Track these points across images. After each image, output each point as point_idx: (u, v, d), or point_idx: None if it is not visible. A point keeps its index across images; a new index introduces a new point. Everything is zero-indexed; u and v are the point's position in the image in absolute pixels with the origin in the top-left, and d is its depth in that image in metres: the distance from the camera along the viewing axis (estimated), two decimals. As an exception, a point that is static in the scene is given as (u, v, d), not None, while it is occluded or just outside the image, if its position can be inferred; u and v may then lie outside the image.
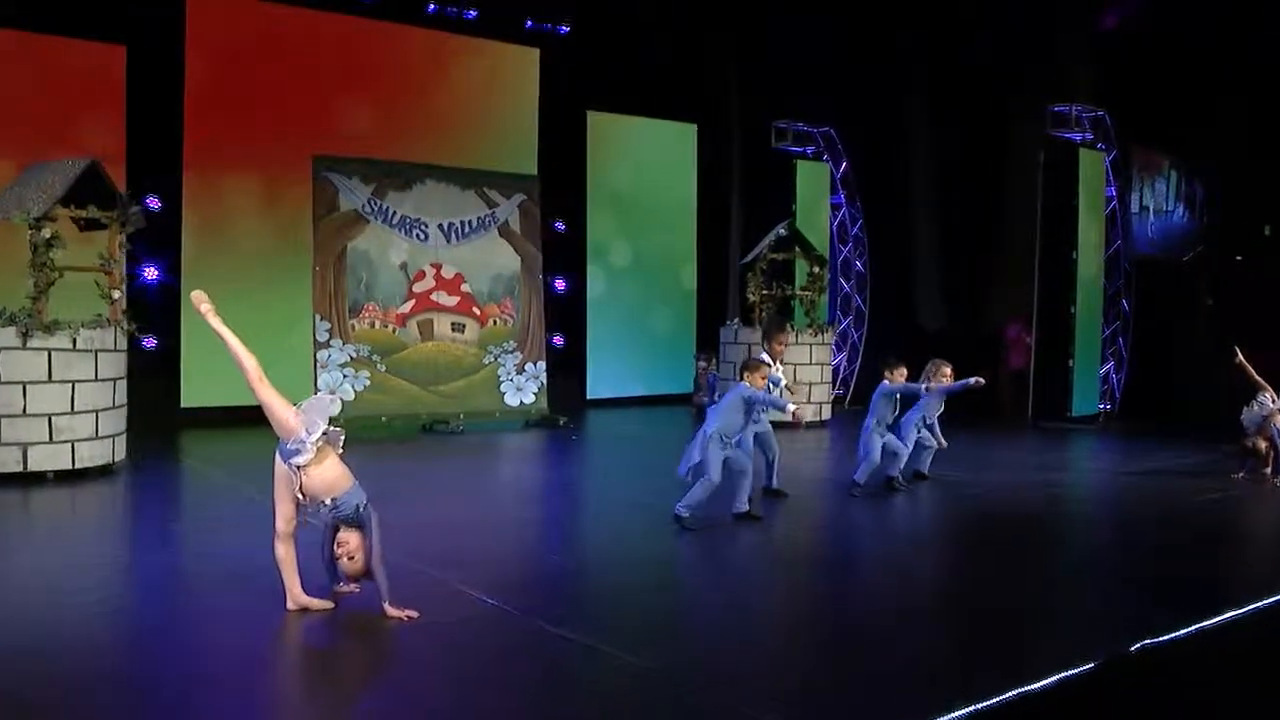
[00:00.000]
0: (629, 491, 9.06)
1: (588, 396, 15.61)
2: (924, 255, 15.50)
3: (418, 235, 12.65)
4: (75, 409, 8.66)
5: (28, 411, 8.49)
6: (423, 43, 13.95)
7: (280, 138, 12.47)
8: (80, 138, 11.39)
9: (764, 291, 13.70)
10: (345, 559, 5.23)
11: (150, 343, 12.17)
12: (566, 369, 15.48)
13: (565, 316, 15.73)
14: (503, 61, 14.74)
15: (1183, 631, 5.12)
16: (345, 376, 12.00)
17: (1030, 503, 8.76)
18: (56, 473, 8.61)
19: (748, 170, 16.34)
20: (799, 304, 13.89)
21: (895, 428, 9.22)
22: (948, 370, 9.51)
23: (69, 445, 8.65)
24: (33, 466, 8.52)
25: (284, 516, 5.24)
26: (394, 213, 12.47)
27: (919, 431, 9.37)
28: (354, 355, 12.09)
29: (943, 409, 9.52)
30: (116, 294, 9.13)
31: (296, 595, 5.24)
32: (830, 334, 13.88)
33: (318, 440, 5.19)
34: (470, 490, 9.31)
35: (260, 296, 12.33)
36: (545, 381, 13.66)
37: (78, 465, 8.73)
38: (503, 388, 13.21)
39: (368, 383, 12.17)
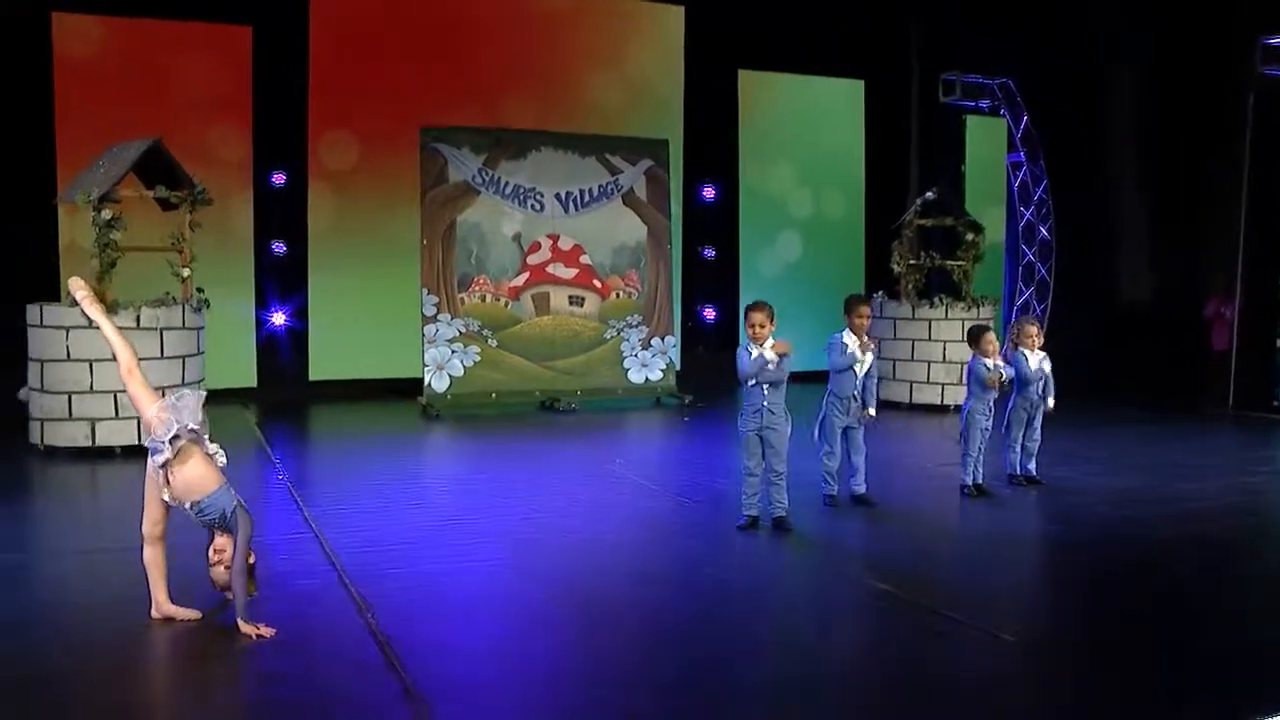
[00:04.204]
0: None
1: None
2: (1121, 218, 13.59)
3: (532, 205, 12.25)
4: (140, 386, 8.83)
5: (94, 389, 8.76)
6: (555, 4, 13.45)
7: (400, 110, 12.32)
8: (210, 119, 11.77)
9: (910, 261, 12.39)
10: (221, 567, 4.88)
11: (280, 317, 12.48)
12: (717, 343, 14.72)
13: (715, 287, 14.93)
14: (642, 20, 14.03)
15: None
16: (454, 351, 11.81)
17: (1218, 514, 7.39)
18: (123, 448, 8.85)
19: (917, 128, 14.86)
20: (955, 275, 12.44)
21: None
22: (1033, 331, 8.16)
23: (134, 421, 8.84)
24: (100, 442, 8.79)
25: (150, 518, 4.95)
26: (506, 183, 12.12)
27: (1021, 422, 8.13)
28: (463, 330, 11.87)
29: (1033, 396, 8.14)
30: (186, 272, 9.26)
31: (161, 604, 4.94)
32: (991, 307, 12.37)
33: (173, 439, 4.83)
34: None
35: (378, 269, 12.37)
36: (675, 357, 13.01)
37: (144, 441, 8.89)
38: (626, 364, 12.65)
39: (478, 358, 11.92)
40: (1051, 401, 8.24)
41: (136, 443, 8.89)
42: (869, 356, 7.54)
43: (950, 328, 12.03)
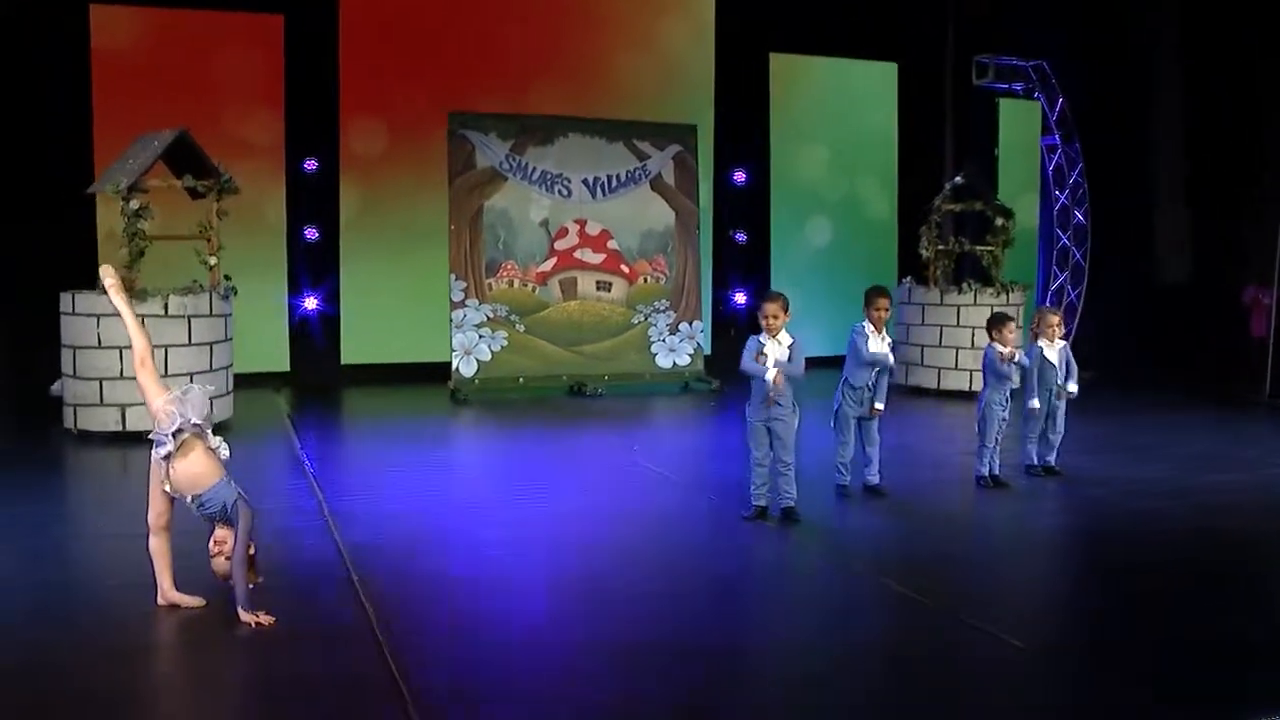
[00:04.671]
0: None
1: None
2: (1157, 202, 13.34)
3: (560, 191, 12.29)
4: (168, 372, 9.01)
5: (125, 375, 8.93)
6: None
7: (429, 96, 12.42)
8: (243, 107, 11.95)
9: (939, 247, 12.27)
10: (222, 558, 5.00)
11: (312, 302, 12.66)
12: (747, 327, 14.66)
13: (746, 271, 14.88)
14: (673, 4, 13.98)
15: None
16: (481, 337, 11.91)
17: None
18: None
19: (952, 111, 14.66)
20: (984, 260, 12.30)
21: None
22: (1054, 321, 8.05)
23: (163, 407, 9.04)
24: (131, 426, 8.99)
25: (154, 510, 5.08)
26: (534, 169, 12.17)
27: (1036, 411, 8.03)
28: (491, 315, 11.97)
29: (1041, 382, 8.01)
30: (213, 260, 9.43)
31: (166, 591, 5.08)
32: (1021, 293, 12.22)
33: (176, 432, 4.95)
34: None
35: (408, 255, 12.50)
36: (702, 342, 13.03)
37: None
38: (654, 349, 12.68)
39: (505, 343, 12.02)
40: (1074, 386, 8.09)
41: (165, 428, 9.12)
42: (883, 346, 7.47)
43: (979, 313, 11.84)
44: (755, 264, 14.80)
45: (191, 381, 9.07)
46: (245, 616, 4.84)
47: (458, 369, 11.81)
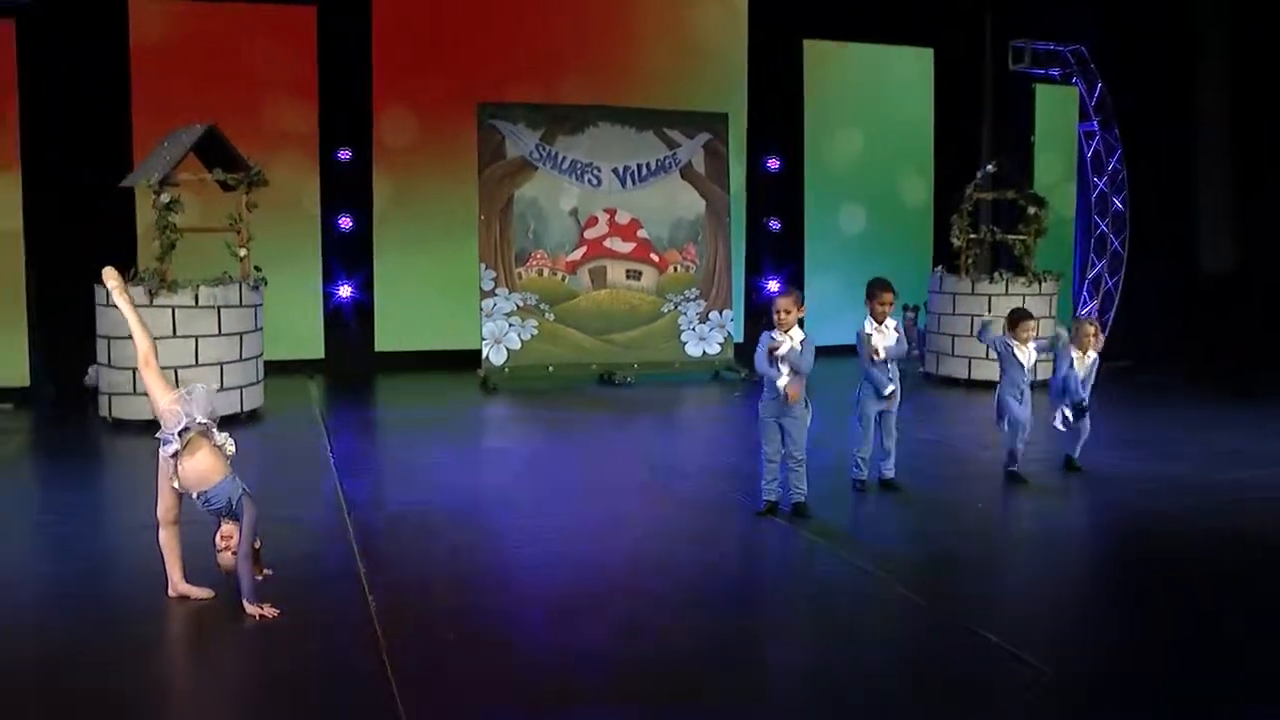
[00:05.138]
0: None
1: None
2: (1199, 189, 13.08)
3: (589, 180, 12.34)
4: (199, 362, 9.25)
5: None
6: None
7: (460, 86, 12.48)
8: (278, 98, 12.14)
9: (970, 236, 12.15)
10: (228, 553, 5.14)
11: (346, 290, 12.85)
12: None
13: (782, 259, 14.84)
14: (703, -8, 13.94)
15: None
16: (511, 325, 12.02)
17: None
18: (184, 421, 9.26)
19: (991, 97, 14.46)
20: (1016, 250, 12.16)
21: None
22: (1091, 331, 7.90)
23: (195, 396, 9.25)
24: (163, 415, 9.21)
25: (163, 505, 5.22)
26: (563, 158, 12.23)
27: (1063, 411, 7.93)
28: (521, 304, 12.07)
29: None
30: (243, 252, 9.61)
31: (176, 583, 5.22)
32: (1054, 283, 12.08)
33: (182, 431, 5.09)
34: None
35: (441, 243, 12.64)
36: (733, 331, 13.04)
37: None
38: (683, 337, 12.72)
39: (535, 331, 12.13)
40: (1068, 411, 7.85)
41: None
42: (889, 337, 7.42)
43: (1010, 303, 11.73)
44: (789, 251, 14.76)
45: (222, 369, 9.45)
46: (250, 609, 4.97)
47: (488, 357, 11.94)
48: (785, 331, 6.78)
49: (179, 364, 9.18)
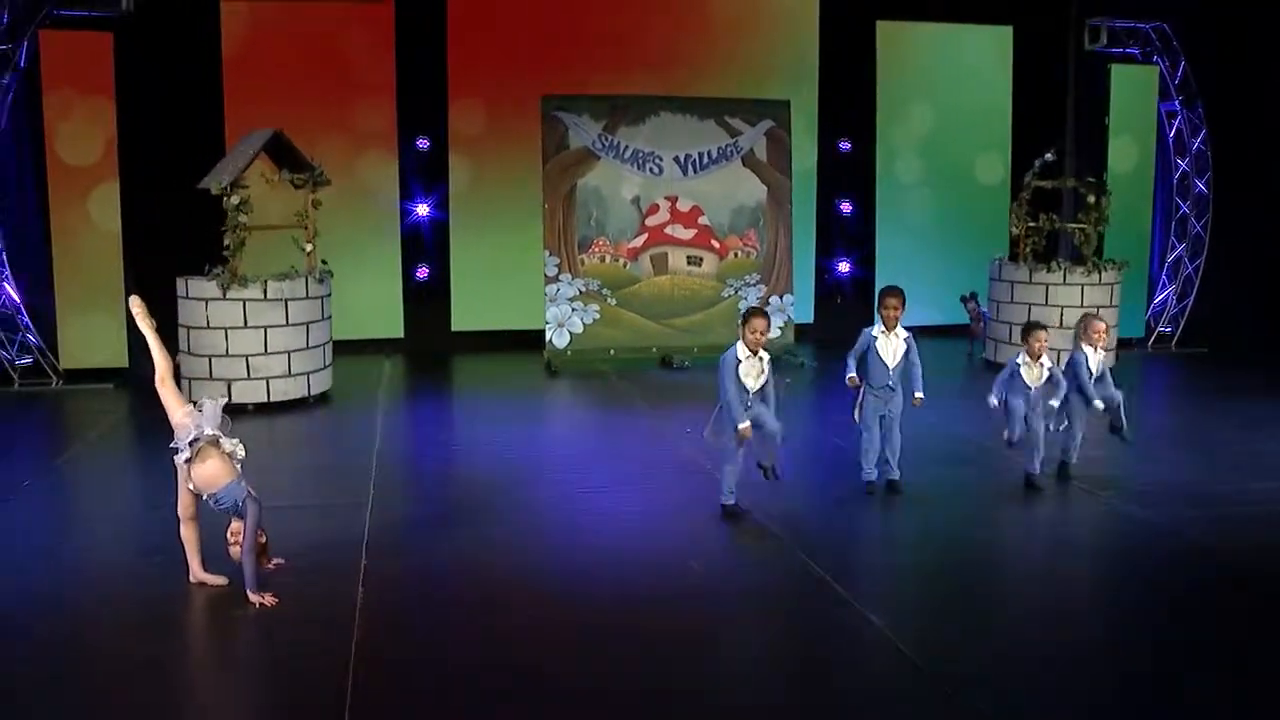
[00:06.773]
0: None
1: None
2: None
3: (651, 169, 12.67)
4: (268, 350, 10.02)
5: (230, 353, 9.98)
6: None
7: (531, 78, 12.91)
8: (358, 91, 12.80)
9: (1029, 224, 12.05)
10: (236, 547, 5.79)
11: (423, 273, 13.54)
12: (853, 296, 14.78)
13: (852, 242, 14.92)
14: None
15: None
16: (574, 310, 12.50)
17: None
18: (255, 405, 10.06)
19: (1064, 78, 14.14)
20: (1076, 239, 12.01)
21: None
22: (1100, 328, 7.84)
23: (264, 382, 10.06)
24: (236, 399, 9.99)
25: (183, 504, 5.88)
26: (626, 147, 12.57)
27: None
28: (583, 289, 12.53)
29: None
30: (309, 247, 10.31)
31: (196, 572, 5.89)
32: (1116, 272, 11.89)
33: (192, 441, 5.73)
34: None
35: (511, 229, 13.18)
36: (793, 315, 13.23)
37: (273, 399, 10.14)
38: (744, 321, 12.96)
39: (597, 316, 12.58)
40: (1055, 402, 7.76)
41: (266, 400, 10.14)
42: (896, 344, 7.56)
43: (1069, 293, 11.73)
44: (861, 234, 14.82)
45: (289, 358, 10.19)
46: (253, 597, 5.61)
47: (551, 341, 12.45)
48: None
49: (250, 352, 10.00)
